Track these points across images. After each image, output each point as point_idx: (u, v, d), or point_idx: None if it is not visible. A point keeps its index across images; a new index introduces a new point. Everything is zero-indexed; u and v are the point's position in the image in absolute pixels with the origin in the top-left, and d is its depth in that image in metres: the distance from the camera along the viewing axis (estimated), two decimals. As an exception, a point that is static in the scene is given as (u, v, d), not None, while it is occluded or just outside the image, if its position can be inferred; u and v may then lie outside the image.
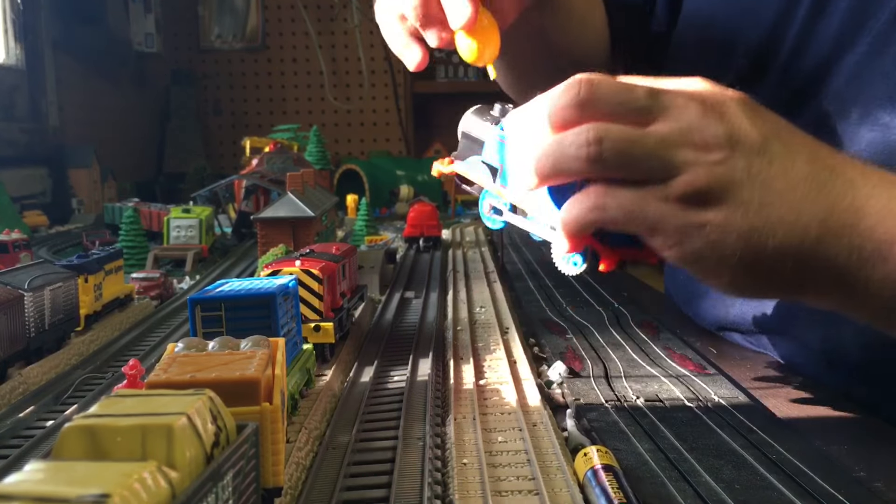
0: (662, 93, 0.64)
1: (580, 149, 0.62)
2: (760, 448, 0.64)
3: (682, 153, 0.63)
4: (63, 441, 0.33)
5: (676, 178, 0.63)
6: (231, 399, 0.43)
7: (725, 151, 0.63)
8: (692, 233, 0.63)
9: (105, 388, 0.83)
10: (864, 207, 0.63)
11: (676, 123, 0.63)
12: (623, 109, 0.63)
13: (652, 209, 0.63)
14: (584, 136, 0.62)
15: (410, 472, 0.58)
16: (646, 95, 0.64)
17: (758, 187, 0.63)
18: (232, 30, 3.87)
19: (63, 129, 2.74)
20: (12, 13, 2.58)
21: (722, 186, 0.63)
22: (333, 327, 0.85)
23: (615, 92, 0.64)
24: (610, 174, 0.64)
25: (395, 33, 0.81)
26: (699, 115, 0.64)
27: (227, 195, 2.18)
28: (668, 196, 0.63)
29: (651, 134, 0.63)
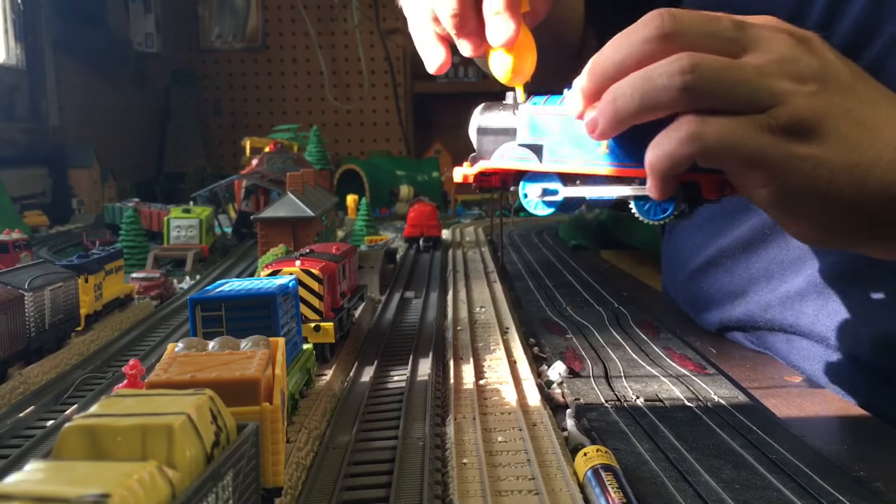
0: (749, 24, 0.62)
1: (673, 78, 0.59)
2: (760, 448, 0.64)
3: (780, 83, 0.60)
4: (63, 441, 0.33)
5: (776, 107, 0.60)
6: (231, 399, 0.43)
7: (820, 84, 0.61)
8: (794, 166, 0.60)
9: (105, 388, 0.83)
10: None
11: (770, 54, 0.61)
12: (711, 40, 0.61)
13: (754, 139, 0.60)
14: (678, 65, 0.59)
15: (410, 472, 0.58)
16: (733, 26, 0.62)
17: (854, 123, 0.61)
18: (232, 30, 3.87)
19: (63, 129, 2.74)
20: (12, 13, 2.58)
21: (821, 119, 0.61)
22: (333, 327, 0.85)
23: (701, 22, 0.61)
24: (705, 104, 0.60)
25: (423, 32, 0.77)
26: (791, 46, 0.62)
27: (227, 195, 2.18)
28: (771, 126, 0.60)
29: (746, 63, 0.60)
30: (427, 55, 0.77)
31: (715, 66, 0.59)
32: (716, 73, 0.59)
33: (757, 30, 0.62)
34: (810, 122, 0.60)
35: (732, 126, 0.60)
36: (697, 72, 0.59)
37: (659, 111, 0.61)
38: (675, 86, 0.59)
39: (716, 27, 0.61)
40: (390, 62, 3.82)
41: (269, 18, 3.87)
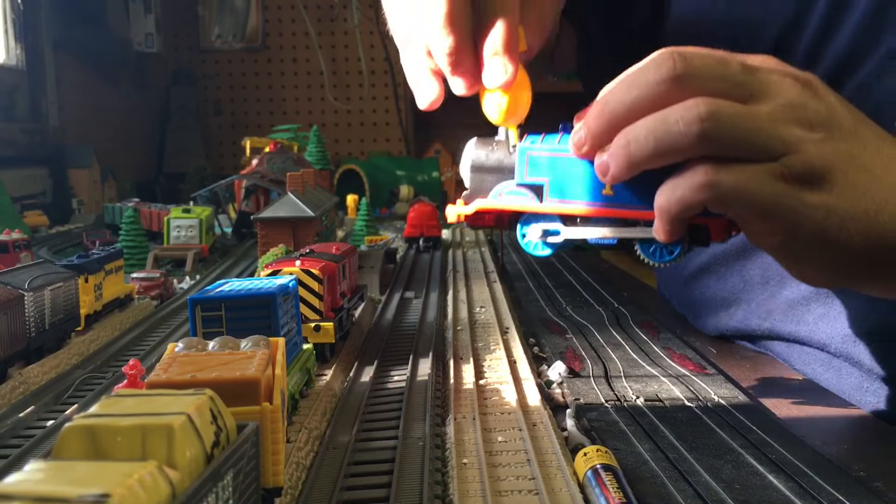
0: (756, 68, 0.62)
1: (690, 125, 0.59)
2: (760, 448, 0.64)
3: (792, 130, 0.61)
4: (63, 441, 0.33)
5: (789, 155, 0.60)
6: (231, 399, 0.43)
7: (826, 131, 0.61)
8: (807, 215, 0.60)
9: (105, 388, 0.83)
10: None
11: (780, 100, 0.61)
12: (722, 84, 0.60)
13: (768, 188, 0.60)
14: (695, 112, 0.59)
15: (410, 472, 0.58)
16: (742, 70, 0.61)
17: (860, 170, 0.62)
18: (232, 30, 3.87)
19: (63, 129, 2.74)
20: (12, 13, 2.58)
21: (830, 167, 0.61)
22: (333, 327, 0.85)
23: (712, 65, 0.61)
24: (719, 151, 0.60)
25: (415, 66, 0.75)
26: (798, 91, 0.62)
27: (227, 195, 2.18)
28: (784, 174, 0.60)
29: (758, 110, 0.60)
30: (419, 90, 0.74)
31: (731, 114, 0.59)
32: (732, 120, 0.59)
33: (764, 74, 0.62)
34: (821, 171, 0.60)
35: (747, 174, 0.60)
36: (714, 119, 0.58)
37: (674, 157, 0.60)
38: (692, 133, 0.58)
39: (726, 71, 0.61)
40: (390, 62, 3.82)
41: (269, 18, 3.87)
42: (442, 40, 0.67)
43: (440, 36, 0.67)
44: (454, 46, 0.67)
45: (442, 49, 0.68)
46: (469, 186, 0.72)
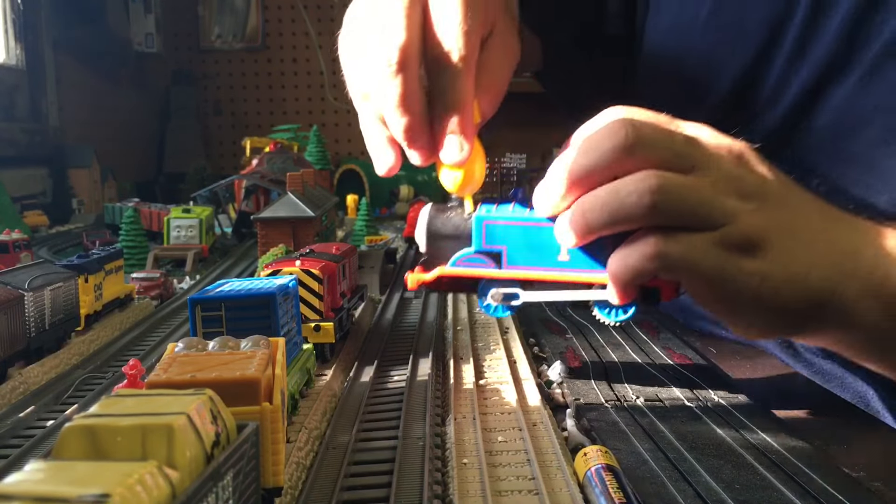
0: (697, 140, 0.67)
1: (642, 197, 0.63)
2: (760, 448, 0.64)
3: (730, 201, 0.65)
4: (63, 441, 0.33)
5: (728, 225, 0.65)
6: (231, 399, 0.43)
7: (759, 201, 0.66)
8: (745, 282, 0.65)
9: (105, 388, 0.83)
10: (862, 252, 0.67)
11: (718, 172, 0.65)
12: (669, 154, 0.65)
13: (711, 257, 0.64)
14: (647, 185, 0.63)
15: (410, 472, 0.58)
16: (685, 142, 0.66)
17: (788, 236, 0.66)
18: (232, 30, 3.87)
19: (63, 129, 2.74)
20: (12, 13, 2.58)
21: (764, 235, 0.65)
22: (333, 327, 0.85)
23: (660, 137, 0.65)
24: (668, 222, 0.65)
25: (371, 133, 0.77)
26: (734, 163, 0.67)
27: (227, 195, 2.18)
28: (724, 243, 0.65)
29: (702, 182, 0.65)
30: (376, 158, 0.77)
31: (679, 187, 0.64)
32: (680, 193, 0.64)
33: (703, 146, 0.67)
34: (756, 239, 0.65)
35: (692, 245, 0.64)
36: (664, 192, 0.63)
37: (626, 226, 0.65)
38: (644, 205, 0.63)
39: (672, 142, 0.65)
40: (390, 62, 3.82)
41: (269, 18, 3.86)
42: (397, 119, 0.69)
43: (395, 115, 0.69)
44: (409, 125, 0.69)
45: (397, 127, 0.70)
46: (426, 253, 0.76)
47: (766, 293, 0.65)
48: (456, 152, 0.70)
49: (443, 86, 0.70)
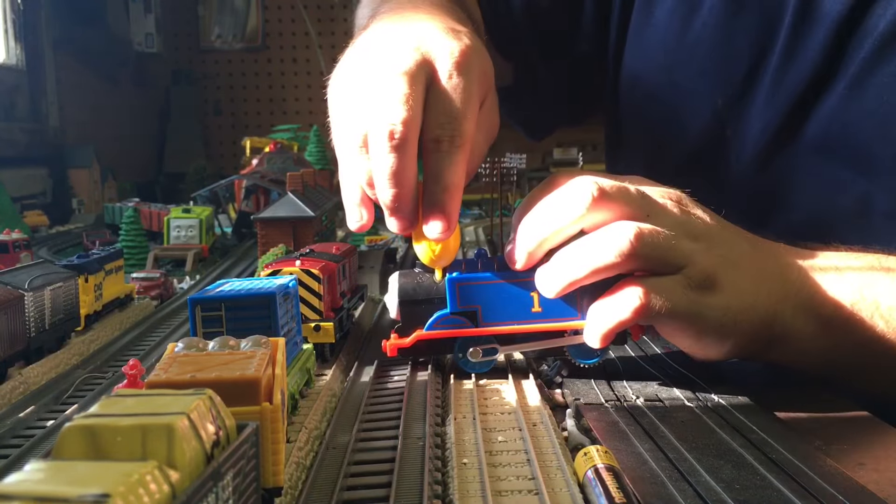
0: (646, 194, 0.74)
1: (623, 246, 0.69)
2: (760, 448, 0.64)
3: (685, 243, 0.72)
4: (63, 441, 0.33)
5: (687, 267, 0.71)
6: (231, 399, 0.43)
7: (705, 241, 0.73)
8: (709, 316, 0.72)
9: (105, 388, 0.83)
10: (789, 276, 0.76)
11: (670, 219, 0.73)
12: (630, 207, 0.72)
13: (684, 300, 0.71)
14: (626, 235, 0.69)
15: (410, 472, 0.58)
16: (639, 194, 0.74)
17: (733, 269, 0.73)
18: (232, 30, 3.87)
19: (63, 129, 2.74)
20: (12, 13, 2.58)
21: (716, 271, 0.72)
22: (333, 327, 0.85)
23: (621, 190, 0.73)
24: (639, 268, 0.71)
25: (351, 192, 0.77)
26: (678, 209, 0.74)
27: (227, 195, 2.18)
28: (690, 284, 0.71)
29: (660, 230, 0.71)
30: (351, 214, 0.78)
31: (651, 233, 0.70)
32: (653, 239, 0.70)
33: (651, 196, 0.74)
34: (711, 276, 0.72)
35: (670, 291, 0.71)
36: (642, 239, 0.69)
37: (606, 273, 0.71)
38: (625, 252, 0.69)
39: (629, 195, 0.73)
40: (390, 62, 3.82)
41: (269, 18, 3.87)
42: (387, 190, 0.70)
43: (386, 186, 0.70)
44: (397, 197, 0.71)
45: (386, 196, 0.71)
46: (401, 319, 0.80)
47: (727, 324, 0.72)
48: (441, 230, 0.72)
49: (439, 168, 0.71)
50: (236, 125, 3.84)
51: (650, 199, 0.74)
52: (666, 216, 0.73)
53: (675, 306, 0.71)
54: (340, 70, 0.82)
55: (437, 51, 0.73)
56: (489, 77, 0.79)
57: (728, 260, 0.73)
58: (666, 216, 0.73)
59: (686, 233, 0.72)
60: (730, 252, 0.74)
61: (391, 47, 0.74)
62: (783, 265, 0.77)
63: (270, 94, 3.90)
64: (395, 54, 0.72)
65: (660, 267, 0.71)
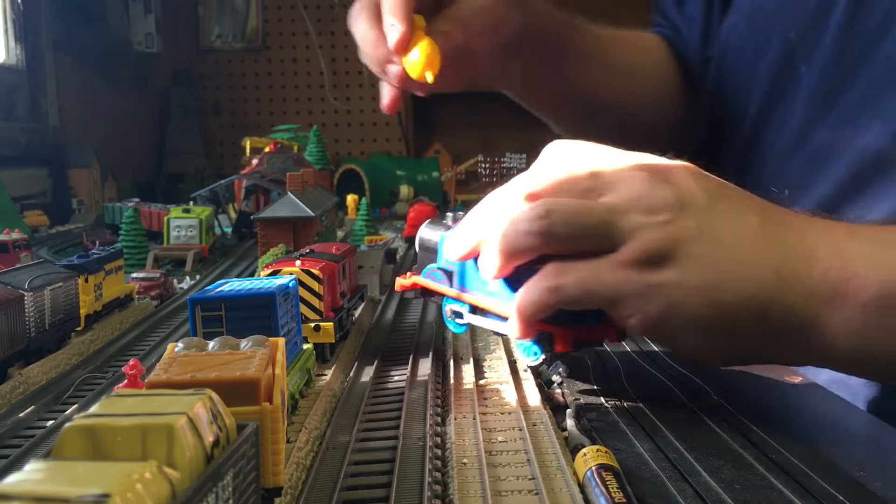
0: (607, 172, 0.68)
1: (532, 223, 0.65)
2: (760, 448, 0.64)
3: (631, 218, 0.65)
4: (63, 441, 0.33)
5: (628, 242, 0.64)
6: (231, 399, 0.43)
7: (674, 212, 0.65)
8: (651, 295, 0.64)
9: (105, 388, 0.83)
10: (815, 254, 0.63)
11: (624, 193, 0.66)
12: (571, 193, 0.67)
13: (608, 278, 0.64)
14: (535, 211, 0.65)
15: (410, 472, 0.58)
16: (590, 177, 0.68)
17: (708, 242, 0.64)
18: (232, 30, 3.86)
19: (63, 129, 2.74)
20: (12, 13, 2.58)
21: (673, 245, 0.64)
22: (333, 327, 0.85)
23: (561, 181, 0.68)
24: (562, 247, 0.66)
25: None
26: (646, 183, 0.66)
27: (227, 195, 2.18)
28: (623, 262, 0.64)
29: (600, 204, 0.66)
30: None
31: (568, 209, 0.65)
32: (569, 214, 0.65)
33: (613, 174, 0.67)
34: (662, 251, 0.64)
35: (589, 269, 0.65)
36: (552, 217, 0.64)
37: (526, 255, 0.67)
38: (534, 231, 0.64)
39: (574, 182, 0.67)
40: (390, 62, 3.81)
41: (269, 18, 3.86)
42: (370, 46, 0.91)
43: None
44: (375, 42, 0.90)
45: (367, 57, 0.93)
46: (418, 262, 0.83)
47: (676, 303, 0.63)
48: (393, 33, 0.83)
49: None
50: (236, 125, 3.84)
51: (606, 178, 0.67)
52: (622, 191, 0.66)
53: (595, 287, 0.64)
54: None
55: None
56: None
57: (704, 232, 0.64)
58: (622, 191, 0.66)
59: (641, 206, 0.65)
60: (710, 223, 0.64)
61: None
62: (813, 240, 0.64)
63: (270, 94, 3.90)
64: None
65: (587, 246, 0.65)
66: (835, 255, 0.63)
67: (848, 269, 0.62)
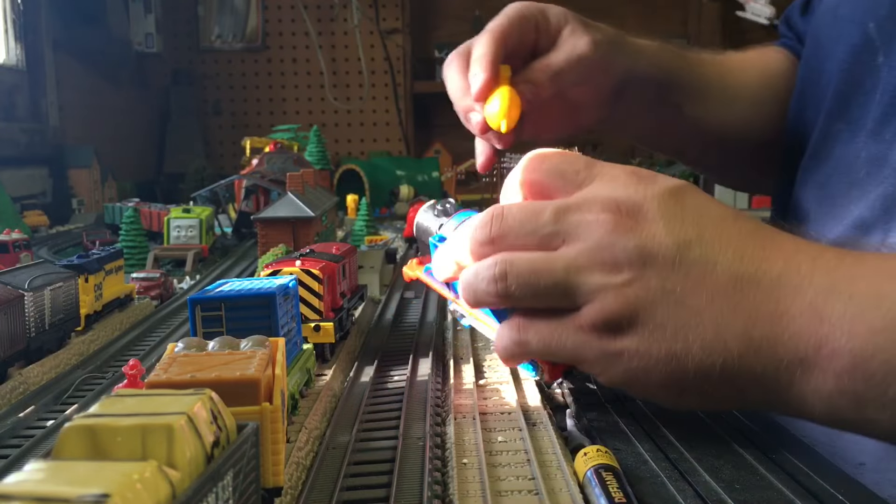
0: (571, 211, 0.63)
1: (490, 284, 0.64)
2: (760, 448, 0.64)
3: (591, 277, 0.61)
4: (63, 441, 0.33)
5: (588, 304, 0.62)
6: (231, 399, 0.43)
7: (636, 270, 0.60)
8: (612, 361, 0.62)
9: (105, 388, 0.83)
10: (788, 311, 0.58)
11: (584, 243, 0.62)
12: (532, 238, 0.64)
13: (570, 340, 0.63)
14: (492, 273, 0.64)
15: (410, 472, 0.58)
16: (552, 220, 0.63)
17: (672, 306, 0.60)
18: (232, 30, 3.86)
19: (63, 129, 2.74)
20: (12, 13, 2.58)
21: (634, 311, 0.60)
22: (333, 327, 0.85)
23: (522, 221, 0.64)
24: (524, 304, 0.65)
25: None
26: (608, 230, 0.61)
27: (227, 195, 2.18)
28: (582, 326, 0.62)
29: (558, 260, 0.62)
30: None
31: (524, 271, 0.63)
32: (525, 277, 0.63)
33: (577, 215, 0.63)
34: (622, 317, 0.61)
35: (551, 329, 0.64)
36: (508, 280, 0.63)
37: (493, 307, 0.69)
38: (492, 292, 0.64)
39: (535, 224, 0.64)
40: (390, 62, 3.82)
41: (269, 18, 3.86)
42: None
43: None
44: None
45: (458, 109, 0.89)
46: (418, 246, 0.84)
47: (637, 372, 0.61)
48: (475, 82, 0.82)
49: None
50: (236, 125, 3.84)
51: (571, 220, 0.63)
52: (583, 239, 0.62)
53: (557, 348, 0.63)
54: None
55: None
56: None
57: (667, 293, 0.59)
58: (583, 239, 0.62)
59: (602, 261, 0.61)
60: (677, 282, 0.59)
61: None
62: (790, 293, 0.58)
63: (270, 94, 3.90)
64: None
65: (548, 304, 0.64)
66: (809, 314, 0.57)
67: (820, 333, 0.56)
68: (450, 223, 0.79)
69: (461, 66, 0.87)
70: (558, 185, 0.66)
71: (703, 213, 0.62)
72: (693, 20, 3.96)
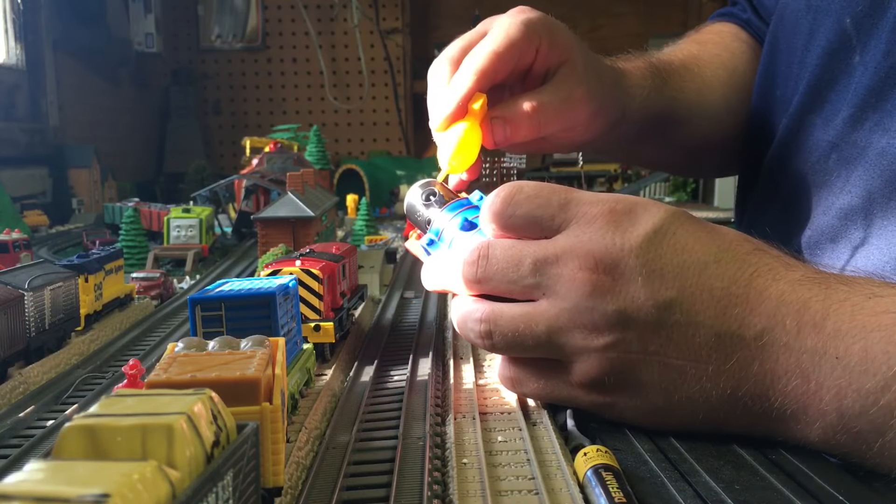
0: (549, 264, 0.63)
1: (477, 338, 0.67)
2: (760, 448, 0.64)
3: (572, 339, 0.62)
4: (63, 441, 0.33)
5: (573, 364, 0.65)
6: (231, 399, 0.43)
7: (617, 333, 0.61)
8: (605, 409, 0.67)
9: (105, 388, 0.83)
10: (774, 371, 0.58)
11: (564, 303, 0.62)
12: (515, 287, 0.65)
13: (562, 393, 0.68)
14: (478, 329, 0.66)
15: (410, 472, 0.58)
16: (531, 272, 0.63)
17: (656, 366, 0.61)
18: (232, 30, 3.86)
19: (63, 129, 2.74)
20: (12, 13, 2.58)
21: (618, 371, 0.62)
22: (333, 327, 0.85)
23: (504, 270, 0.65)
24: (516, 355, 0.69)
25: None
26: (587, 293, 0.61)
27: (227, 195, 2.18)
28: (571, 383, 0.66)
29: (540, 320, 0.63)
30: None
31: (508, 330, 0.65)
32: (510, 336, 0.65)
33: (556, 268, 0.63)
34: (606, 377, 0.63)
35: (542, 384, 0.68)
36: (494, 338, 0.66)
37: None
38: (480, 344, 0.67)
39: (516, 275, 0.64)
40: (390, 62, 3.82)
41: (269, 18, 3.86)
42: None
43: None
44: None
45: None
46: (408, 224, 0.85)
47: (627, 420, 0.67)
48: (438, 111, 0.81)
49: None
50: (236, 125, 3.84)
51: (552, 274, 0.62)
52: (563, 299, 0.62)
53: (552, 396, 0.68)
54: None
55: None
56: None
57: (647, 353, 0.60)
58: (563, 299, 0.62)
59: (582, 323, 0.61)
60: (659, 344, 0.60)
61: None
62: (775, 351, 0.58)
63: (270, 94, 3.90)
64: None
65: (535, 355, 0.66)
66: (796, 373, 0.58)
67: (808, 393, 0.57)
68: (443, 215, 0.78)
69: (449, 73, 0.82)
70: (535, 232, 0.66)
71: (684, 262, 0.61)
72: (693, 20, 3.96)
